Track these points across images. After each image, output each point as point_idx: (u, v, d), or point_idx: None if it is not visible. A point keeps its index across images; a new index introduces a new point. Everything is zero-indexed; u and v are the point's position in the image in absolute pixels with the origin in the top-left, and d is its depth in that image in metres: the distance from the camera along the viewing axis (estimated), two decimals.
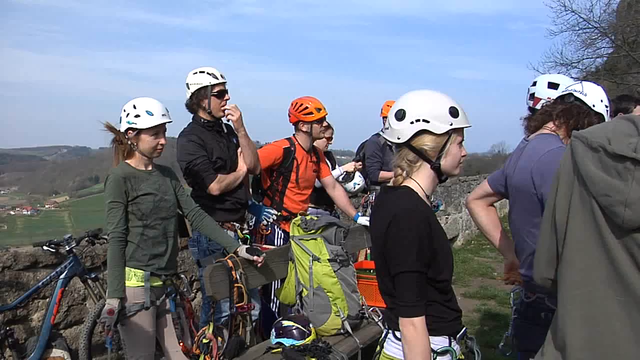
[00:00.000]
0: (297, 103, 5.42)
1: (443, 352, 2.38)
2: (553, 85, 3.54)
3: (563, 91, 3.21)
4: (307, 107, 5.37)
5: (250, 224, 5.30)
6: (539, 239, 2.18)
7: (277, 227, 5.35)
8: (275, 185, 5.36)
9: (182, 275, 4.44)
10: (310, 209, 5.74)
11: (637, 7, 25.82)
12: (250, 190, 5.43)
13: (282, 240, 5.35)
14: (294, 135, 5.50)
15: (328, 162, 6.28)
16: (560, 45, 48.24)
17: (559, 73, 25.96)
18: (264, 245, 5.17)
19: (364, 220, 5.70)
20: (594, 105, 3.05)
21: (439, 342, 2.37)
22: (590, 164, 1.91)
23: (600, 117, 3.05)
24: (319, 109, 5.39)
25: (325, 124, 5.64)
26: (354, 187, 7.22)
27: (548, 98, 3.49)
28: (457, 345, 2.46)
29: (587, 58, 27.69)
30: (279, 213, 5.31)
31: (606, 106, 3.09)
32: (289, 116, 5.48)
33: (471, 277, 9.49)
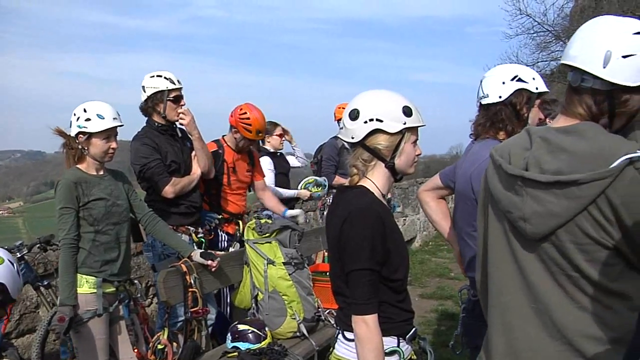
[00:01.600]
0: (243, 112, 5.24)
1: (391, 353, 2.39)
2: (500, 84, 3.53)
3: (498, 97, 3.15)
4: (250, 125, 5.20)
5: (200, 229, 5.27)
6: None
7: (220, 231, 5.33)
8: (210, 189, 5.31)
9: (136, 281, 4.40)
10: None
11: (589, 12, 26.41)
12: None
13: (225, 242, 5.34)
14: (223, 136, 5.44)
15: (281, 165, 6.32)
16: (516, 48, 48.99)
17: None
18: (218, 252, 5.15)
19: (293, 212, 5.76)
20: (536, 88, 3.07)
21: (387, 342, 2.38)
22: (496, 182, 2.01)
23: (523, 123, 3.07)
24: (258, 132, 5.27)
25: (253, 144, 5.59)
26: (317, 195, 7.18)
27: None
28: (407, 346, 2.47)
29: (541, 61, 28.24)
30: (220, 216, 5.29)
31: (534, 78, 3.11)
32: (230, 116, 5.34)
33: (428, 277, 9.57)
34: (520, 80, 3.08)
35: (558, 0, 27.28)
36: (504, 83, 3.08)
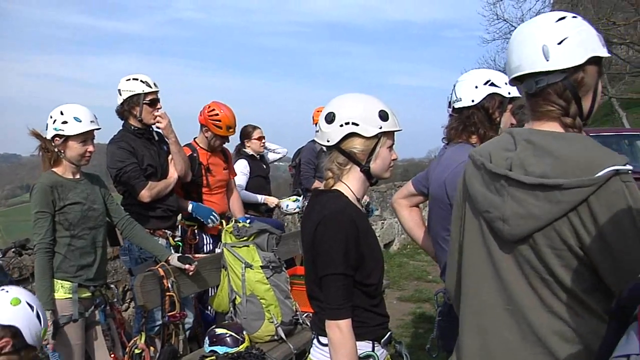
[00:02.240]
0: (211, 110, 5.28)
1: (365, 357, 2.40)
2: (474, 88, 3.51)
3: (470, 101, 3.16)
4: (219, 120, 5.24)
5: (178, 233, 5.26)
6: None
7: (204, 234, 5.33)
8: (190, 194, 5.29)
9: (112, 286, 4.37)
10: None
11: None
12: None
13: (210, 246, 5.33)
14: (194, 139, 5.44)
15: (259, 169, 6.32)
16: (493, 52, 49.47)
17: None
18: (195, 255, 5.14)
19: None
20: (509, 93, 3.07)
21: (362, 347, 2.38)
22: (476, 182, 2.02)
23: (495, 128, 3.09)
24: (229, 128, 5.30)
25: (226, 141, 5.56)
26: (294, 209, 7.15)
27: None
28: (382, 350, 2.47)
29: None
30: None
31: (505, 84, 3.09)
32: (200, 115, 5.35)
33: (407, 280, 9.58)
34: (492, 84, 3.09)
35: (535, 5, 27.62)
36: (476, 87, 3.09)
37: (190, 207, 5.18)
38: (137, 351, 4.02)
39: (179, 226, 5.30)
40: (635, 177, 1.83)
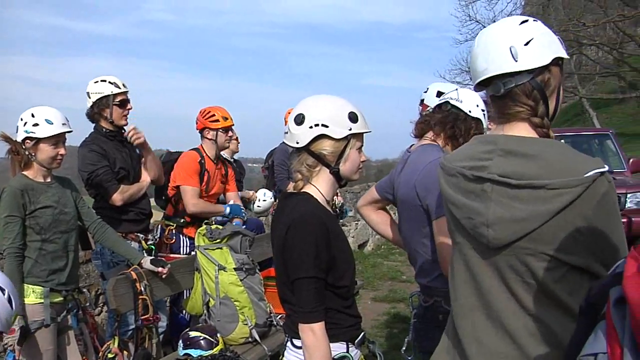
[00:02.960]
0: (204, 110, 5.41)
1: (340, 359, 2.41)
2: (440, 94, 3.51)
3: (440, 100, 3.24)
4: (214, 115, 5.36)
5: (155, 234, 5.24)
6: None
7: (182, 235, 5.33)
8: (178, 194, 5.29)
9: (85, 290, 4.32)
10: None
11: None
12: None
13: (187, 248, 5.32)
14: (201, 145, 5.47)
15: (236, 172, 6.30)
16: (465, 53, 49.88)
17: (464, 80, 26.93)
18: (171, 255, 5.13)
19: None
20: (470, 111, 3.09)
21: (336, 348, 2.39)
22: (452, 190, 2.01)
23: (477, 121, 3.10)
24: (225, 118, 5.39)
25: (231, 134, 5.64)
26: (259, 207, 7.18)
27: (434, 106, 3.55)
28: (356, 351, 2.48)
29: None
30: (182, 220, 5.27)
31: (482, 110, 3.14)
32: (196, 123, 5.47)
33: (381, 280, 9.63)
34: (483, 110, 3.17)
35: (506, 7, 27.94)
36: (477, 106, 3.14)
37: (228, 210, 5.39)
38: (110, 355, 3.99)
39: (158, 225, 5.30)
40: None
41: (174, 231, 5.28)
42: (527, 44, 1.89)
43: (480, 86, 2.03)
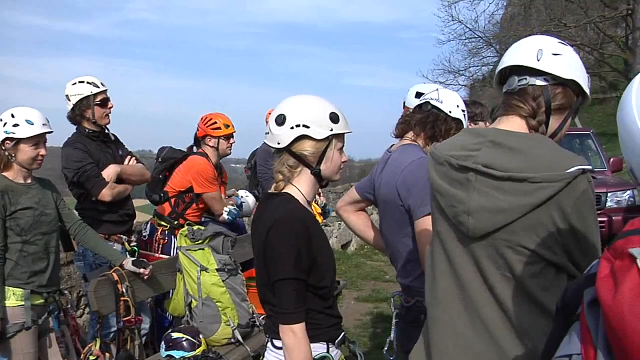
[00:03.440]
0: (206, 117, 5.42)
1: (320, 359, 2.41)
2: (419, 95, 3.50)
3: (420, 100, 3.26)
4: (215, 122, 5.36)
5: (145, 233, 5.23)
6: None
7: (174, 237, 5.26)
8: (183, 196, 5.29)
9: (66, 292, 4.31)
10: None
11: (519, 19, 27.23)
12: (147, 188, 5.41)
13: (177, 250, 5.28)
14: (202, 150, 5.48)
15: None
16: (448, 53, 50.32)
17: (446, 80, 27.07)
18: (155, 255, 5.11)
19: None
20: (450, 112, 3.11)
21: (316, 348, 2.40)
22: (439, 178, 2.05)
23: (457, 122, 3.13)
24: (227, 125, 5.41)
25: (233, 141, 5.63)
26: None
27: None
28: (336, 351, 2.49)
29: (473, 66, 29.03)
30: (176, 222, 5.25)
31: (463, 111, 3.17)
32: (197, 130, 5.48)
33: (364, 281, 9.65)
34: (463, 111, 3.22)
35: (489, 7, 28.18)
36: (458, 106, 3.17)
37: (226, 216, 5.46)
38: (92, 357, 3.98)
39: (148, 222, 5.28)
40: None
41: (166, 232, 5.26)
42: (555, 54, 1.98)
43: (499, 79, 2.12)
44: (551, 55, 1.97)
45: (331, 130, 2.40)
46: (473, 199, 1.91)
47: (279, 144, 2.42)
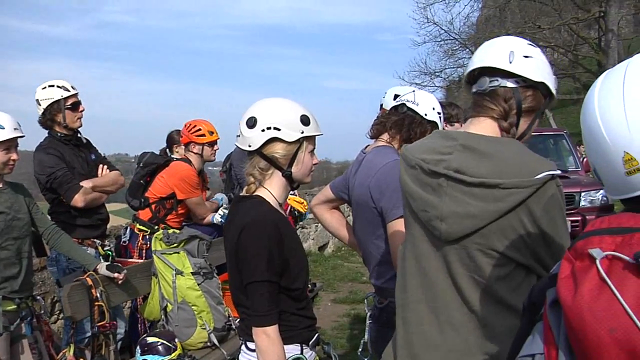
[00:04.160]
0: (190, 124, 5.45)
1: None
2: (397, 97, 3.47)
3: (396, 102, 3.26)
4: (199, 129, 5.41)
5: (124, 239, 5.20)
6: None
7: None
8: (164, 202, 5.28)
9: (39, 297, 4.25)
10: None
11: (494, 21, 27.45)
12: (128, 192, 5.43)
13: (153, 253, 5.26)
14: (185, 156, 5.49)
15: None
16: (424, 55, 50.55)
17: (423, 82, 27.20)
18: (135, 260, 5.08)
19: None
20: (426, 114, 3.12)
21: (290, 350, 2.41)
22: (411, 182, 2.07)
23: (433, 124, 3.12)
24: (211, 132, 5.46)
25: (217, 148, 5.62)
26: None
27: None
28: (310, 352, 2.51)
29: (449, 68, 29.18)
30: (157, 227, 5.21)
31: (439, 113, 3.18)
32: (181, 137, 5.52)
33: (341, 282, 9.66)
34: (439, 114, 3.22)
35: (464, 9, 28.33)
36: (434, 109, 3.18)
37: (220, 219, 5.51)
38: None
39: (127, 227, 5.26)
40: (561, 175, 1.97)
41: (147, 237, 5.22)
42: (526, 57, 2.00)
43: (468, 79, 2.13)
44: (522, 58, 1.99)
45: (302, 132, 2.42)
46: (445, 204, 1.93)
47: (250, 146, 2.43)
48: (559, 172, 1.89)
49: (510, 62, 1.97)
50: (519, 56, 1.98)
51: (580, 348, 1.11)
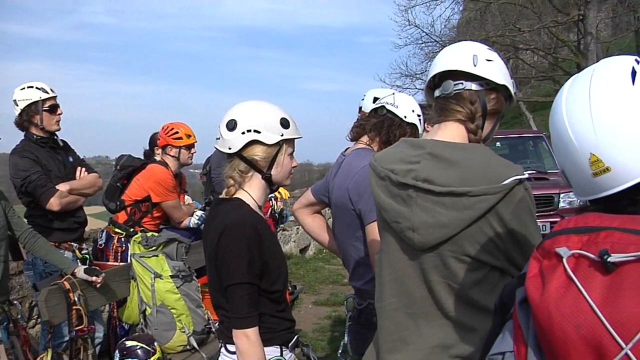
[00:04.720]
0: (167, 127, 5.42)
1: None
2: (376, 100, 3.46)
3: (376, 104, 3.26)
4: (177, 132, 5.38)
5: (101, 242, 5.16)
6: None
7: (130, 244, 5.21)
8: (139, 205, 5.24)
9: (15, 302, 4.21)
10: None
11: (475, 24, 27.59)
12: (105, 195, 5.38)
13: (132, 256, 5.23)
14: (162, 159, 5.46)
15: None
16: (405, 57, 50.59)
17: (404, 84, 27.25)
18: (112, 263, 5.05)
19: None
20: (405, 117, 3.13)
21: (270, 352, 2.42)
22: (382, 193, 2.08)
23: (413, 127, 3.14)
24: (188, 135, 5.43)
25: (194, 151, 5.60)
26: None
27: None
28: (290, 354, 2.51)
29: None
30: (132, 229, 5.19)
31: (418, 115, 3.18)
32: (158, 139, 5.50)
33: (322, 285, 9.68)
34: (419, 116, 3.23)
35: (445, 12, 28.42)
36: (413, 111, 3.19)
37: (196, 221, 5.53)
38: None
39: (104, 230, 5.22)
40: (540, 177, 2.00)
41: (123, 239, 5.19)
42: (488, 60, 2.02)
43: (429, 88, 2.15)
44: (485, 61, 2.01)
45: (282, 135, 2.44)
46: (416, 215, 1.94)
47: (230, 149, 2.44)
48: (526, 175, 1.91)
49: (475, 65, 2.00)
50: (482, 59, 2.01)
51: (548, 345, 1.12)
